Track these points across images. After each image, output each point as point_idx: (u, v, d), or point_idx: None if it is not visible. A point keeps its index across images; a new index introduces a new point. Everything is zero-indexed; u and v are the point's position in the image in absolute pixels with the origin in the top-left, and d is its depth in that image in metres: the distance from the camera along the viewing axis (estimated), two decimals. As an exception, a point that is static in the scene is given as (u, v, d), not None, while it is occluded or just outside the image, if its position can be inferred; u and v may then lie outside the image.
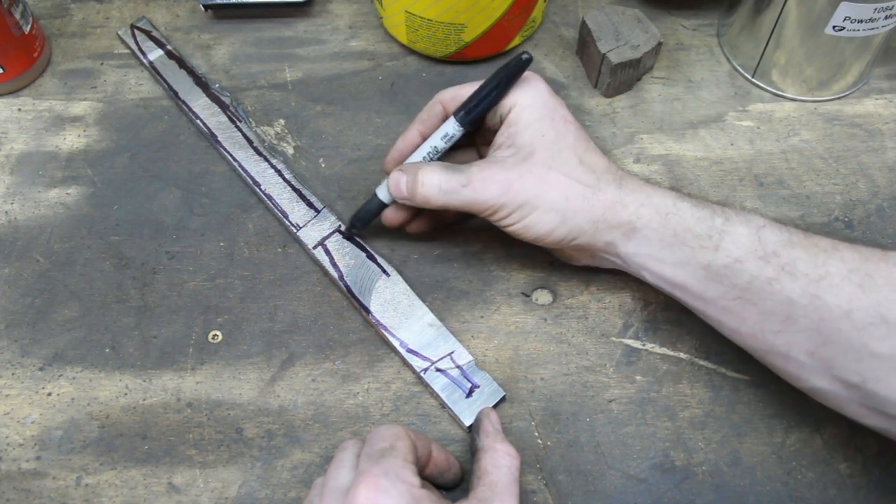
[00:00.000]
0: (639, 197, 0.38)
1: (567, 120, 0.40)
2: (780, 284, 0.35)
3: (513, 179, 0.38)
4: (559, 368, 0.43)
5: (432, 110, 0.43)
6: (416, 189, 0.40)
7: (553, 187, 0.38)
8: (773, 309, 0.35)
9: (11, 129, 0.52)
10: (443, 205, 0.40)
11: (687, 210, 0.37)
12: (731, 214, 0.37)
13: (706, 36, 0.57)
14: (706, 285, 0.37)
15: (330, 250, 0.46)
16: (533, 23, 0.54)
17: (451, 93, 0.43)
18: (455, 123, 0.41)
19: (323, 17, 0.58)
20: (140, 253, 0.47)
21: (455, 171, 0.39)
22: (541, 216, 0.38)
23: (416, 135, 0.44)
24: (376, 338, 0.44)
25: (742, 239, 0.36)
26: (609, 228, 0.38)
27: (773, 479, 0.40)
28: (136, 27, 0.56)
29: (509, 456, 0.36)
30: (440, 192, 0.39)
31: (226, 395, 0.43)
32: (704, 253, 0.36)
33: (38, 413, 0.42)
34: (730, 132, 0.52)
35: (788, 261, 0.35)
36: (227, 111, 0.52)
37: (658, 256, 0.38)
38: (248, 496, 0.40)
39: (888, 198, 0.49)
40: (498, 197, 0.38)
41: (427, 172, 0.40)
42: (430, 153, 0.42)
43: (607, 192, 0.38)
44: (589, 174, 0.39)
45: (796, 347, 0.35)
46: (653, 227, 0.38)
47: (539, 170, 0.38)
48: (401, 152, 0.44)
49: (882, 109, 0.53)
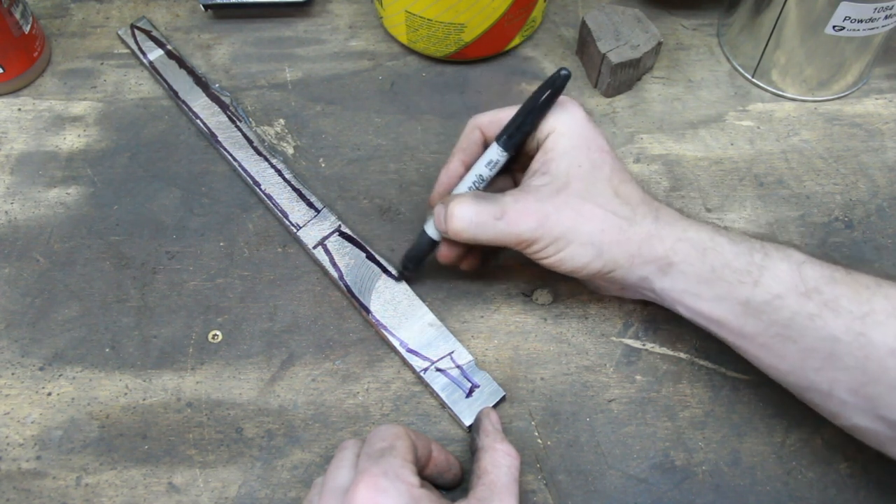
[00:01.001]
0: (675, 231, 0.37)
1: (603, 150, 0.39)
2: (822, 321, 0.34)
3: (549, 212, 0.37)
4: (559, 368, 0.43)
5: (471, 137, 0.41)
6: (448, 223, 0.38)
7: (589, 220, 0.37)
8: (815, 346, 0.34)
9: (11, 128, 0.52)
10: (474, 238, 0.38)
11: (725, 245, 0.36)
12: (770, 249, 0.36)
13: (706, 36, 0.57)
14: (745, 321, 0.36)
15: (330, 250, 0.46)
16: (533, 23, 0.54)
17: (488, 117, 0.41)
18: (499, 149, 0.39)
19: (323, 17, 0.58)
20: (140, 253, 0.47)
21: (488, 202, 0.38)
22: (576, 249, 0.37)
23: (458, 165, 0.42)
24: (376, 338, 0.44)
25: (782, 274, 0.35)
26: (644, 263, 0.37)
27: (773, 479, 0.40)
28: (136, 27, 0.56)
29: (509, 456, 0.36)
30: (471, 224, 0.37)
31: (226, 395, 0.43)
32: (743, 288, 0.35)
33: (38, 413, 0.42)
34: (730, 132, 0.52)
35: (831, 297, 0.34)
36: (227, 111, 0.52)
37: (694, 292, 0.37)
38: (248, 496, 0.40)
39: (888, 198, 0.49)
40: (533, 230, 0.37)
41: (459, 204, 0.38)
42: (475, 182, 0.40)
43: (643, 225, 0.37)
44: (625, 206, 0.38)
45: (838, 385, 0.34)
46: (689, 262, 0.36)
47: (575, 201, 0.37)
48: (445, 185, 0.42)
49: (882, 109, 0.53)
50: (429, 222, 0.42)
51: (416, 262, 0.43)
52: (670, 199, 0.49)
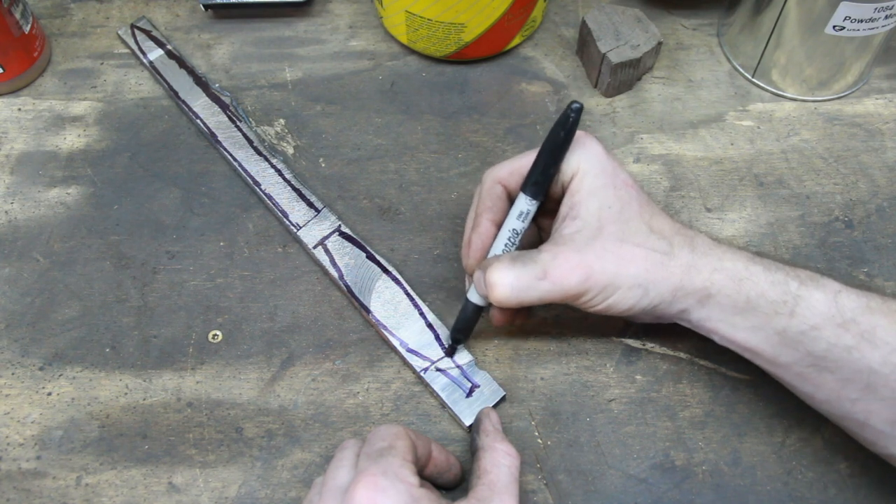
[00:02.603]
0: (711, 261, 0.37)
1: (628, 184, 0.38)
2: (859, 353, 0.33)
3: (591, 262, 0.36)
4: (559, 368, 0.43)
5: (493, 193, 0.40)
6: (490, 293, 0.37)
7: (632, 262, 0.36)
8: (852, 377, 0.34)
9: (11, 128, 0.52)
10: (519, 303, 0.37)
11: (760, 274, 0.36)
12: (805, 278, 0.36)
13: (706, 36, 0.57)
14: (780, 351, 0.35)
15: (330, 250, 0.46)
16: (533, 23, 0.54)
17: (506, 169, 0.39)
18: (527, 198, 0.38)
19: (323, 16, 0.58)
20: (140, 253, 0.47)
21: (526, 264, 0.36)
22: (624, 294, 0.36)
23: (489, 225, 0.40)
24: (376, 337, 0.44)
25: (819, 305, 0.34)
26: (686, 295, 0.37)
27: (773, 479, 0.40)
28: (136, 27, 0.56)
29: (509, 455, 0.36)
30: (513, 290, 0.36)
31: (226, 395, 0.43)
32: (779, 319, 0.35)
33: (38, 413, 0.42)
34: (730, 132, 0.52)
35: (868, 328, 0.34)
36: (227, 111, 0.52)
37: (730, 322, 0.36)
38: (248, 496, 0.40)
39: (888, 198, 0.49)
40: (580, 284, 0.36)
41: (495, 271, 0.37)
42: (510, 238, 0.39)
43: (682, 256, 0.37)
44: (662, 241, 0.37)
45: (875, 416, 0.34)
46: (726, 293, 0.36)
47: (613, 246, 0.36)
48: (480, 249, 0.40)
49: (882, 109, 0.53)
50: (471, 289, 0.40)
51: (466, 333, 0.42)
52: (670, 199, 0.49)
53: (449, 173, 0.50)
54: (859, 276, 0.46)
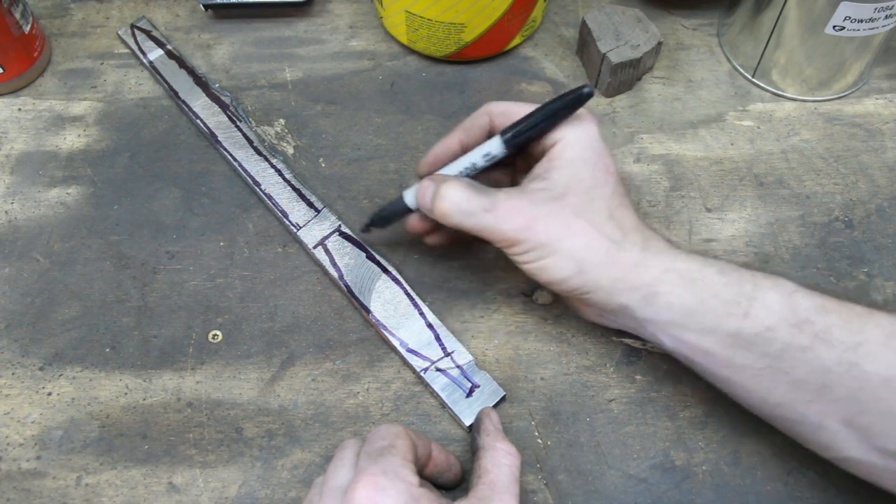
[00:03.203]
0: (663, 261, 0.36)
1: (609, 171, 0.38)
2: (814, 353, 0.33)
3: (539, 216, 0.36)
4: (559, 368, 0.43)
5: (477, 121, 0.41)
6: (435, 202, 0.38)
7: (576, 235, 0.36)
8: (807, 378, 0.34)
9: (11, 128, 0.52)
10: (458, 225, 0.37)
11: (713, 276, 0.36)
12: (760, 279, 0.35)
13: (706, 36, 0.57)
14: (734, 352, 0.35)
15: (330, 250, 0.46)
16: (533, 23, 0.54)
17: (502, 107, 0.40)
18: (500, 144, 0.38)
19: (323, 16, 0.58)
20: (140, 253, 0.47)
21: (480, 193, 0.37)
22: (558, 261, 0.36)
23: (455, 143, 0.41)
24: (376, 337, 0.44)
25: (773, 305, 0.34)
26: (628, 289, 0.36)
27: (773, 479, 0.40)
28: (136, 27, 0.56)
29: (510, 455, 0.36)
30: (459, 211, 0.37)
31: (226, 395, 0.43)
32: (732, 320, 0.35)
33: (38, 413, 0.42)
34: (730, 132, 0.52)
35: (823, 328, 0.33)
36: (227, 111, 0.52)
37: (680, 322, 0.36)
38: (248, 496, 0.40)
39: (888, 198, 0.49)
40: (519, 231, 0.36)
41: (450, 187, 0.37)
42: (467, 169, 0.39)
43: (631, 252, 0.37)
44: (616, 230, 0.37)
45: (830, 416, 0.34)
46: (676, 292, 0.36)
47: (567, 213, 0.36)
48: (437, 157, 0.42)
49: (882, 109, 0.53)
50: (409, 190, 0.41)
51: (384, 223, 0.44)
52: (670, 199, 0.49)
53: (449, 173, 0.50)
54: (859, 276, 0.46)
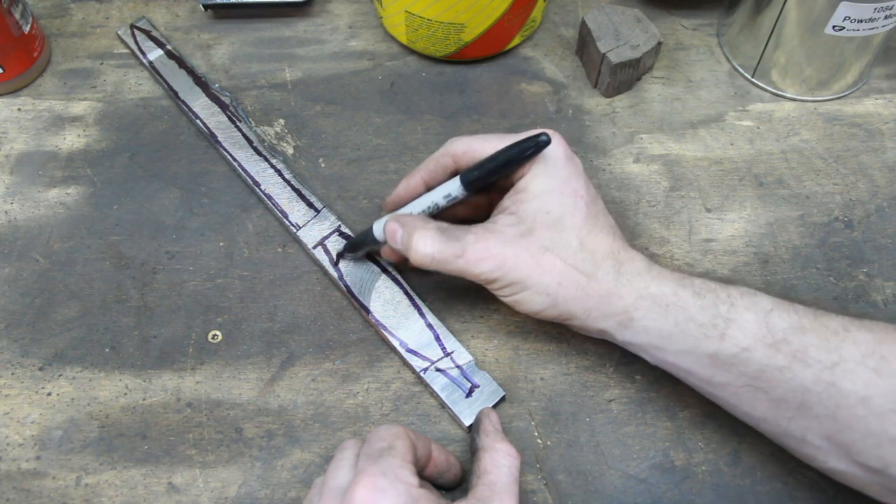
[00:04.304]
0: (637, 287, 0.37)
1: (578, 195, 0.38)
2: (791, 373, 0.34)
3: (508, 256, 0.37)
4: (559, 368, 0.43)
5: (440, 161, 0.41)
6: (408, 252, 0.38)
7: (547, 272, 0.37)
8: (786, 396, 0.34)
9: (11, 128, 0.52)
10: (436, 270, 0.38)
11: (689, 299, 0.36)
12: (737, 298, 0.36)
13: (706, 36, 0.57)
14: (713, 372, 0.36)
15: (330, 250, 0.46)
16: (533, 23, 0.54)
17: (463, 146, 0.40)
18: (460, 187, 0.39)
19: (323, 17, 0.58)
20: (140, 253, 0.47)
21: (450, 239, 0.38)
22: (531, 296, 0.37)
23: (419, 182, 0.42)
24: (376, 338, 0.44)
25: (749, 326, 0.35)
26: (603, 317, 0.37)
27: (773, 479, 0.40)
28: (136, 27, 0.56)
29: (509, 456, 0.36)
30: (433, 261, 0.38)
31: (226, 395, 0.43)
32: (709, 342, 0.35)
33: (38, 413, 0.42)
34: (730, 132, 0.52)
35: (800, 347, 0.34)
36: (226, 111, 0.52)
37: (658, 345, 0.37)
38: (248, 496, 0.40)
39: (888, 198, 0.49)
40: (490, 272, 0.37)
41: (421, 238, 0.38)
42: (429, 208, 0.40)
43: (604, 281, 0.37)
44: (587, 261, 0.37)
45: (812, 432, 0.34)
46: (651, 317, 0.36)
47: (535, 250, 0.37)
48: (401, 197, 0.43)
49: (882, 109, 0.53)
50: (378, 222, 0.42)
51: (354, 251, 0.45)
52: (670, 199, 0.49)
53: (449, 173, 0.50)
54: (859, 276, 0.46)
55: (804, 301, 0.36)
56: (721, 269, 0.46)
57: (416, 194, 0.42)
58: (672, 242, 0.47)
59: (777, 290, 0.46)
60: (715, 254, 0.47)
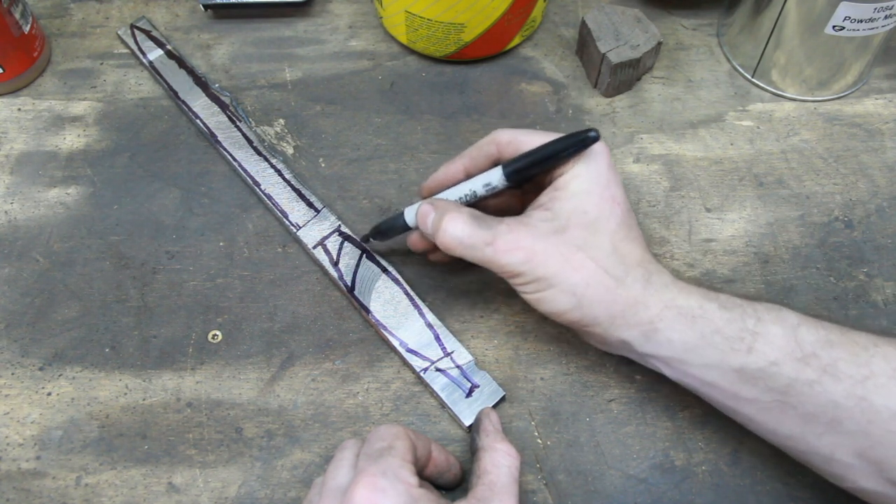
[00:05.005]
0: (664, 298, 0.36)
1: (615, 201, 0.37)
2: (821, 387, 0.33)
3: (538, 250, 0.36)
4: (559, 368, 0.43)
5: (484, 149, 0.40)
6: (437, 234, 0.38)
7: (576, 270, 0.36)
8: (815, 412, 0.33)
9: (11, 128, 0.52)
10: (460, 255, 0.37)
11: (715, 311, 0.35)
12: (763, 312, 0.35)
13: (706, 36, 0.57)
14: (739, 387, 0.35)
15: (330, 250, 0.46)
16: (533, 23, 0.54)
17: (508, 136, 0.39)
18: (501, 177, 0.38)
19: (323, 16, 0.58)
20: (140, 253, 0.47)
21: (481, 226, 0.37)
22: (556, 295, 0.36)
23: (460, 168, 0.41)
24: (376, 338, 0.44)
25: (777, 340, 0.34)
26: (627, 326, 0.36)
27: (773, 479, 0.40)
28: (136, 27, 0.56)
29: (509, 456, 0.36)
30: (460, 245, 0.37)
31: (226, 395, 0.43)
32: (736, 355, 0.34)
33: (38, 413, 0.42)
34: (730, 132, 0.52)
35: (829, 361, 0.33)
36: (226, 111, 0.52)
37: (682, 358, 0.36)
38: (248, 496, 0.40)
39: (888, 198, 0.49)
40: (518, 264, 0.36)
41: (452, 220, 0.37)
42: (467, 196, 0.40)
43: (632, 288, 0.36)
44: (619, 265, 0.36)
45: (841, 449, 0.33)
46: (677, 328, 0.35)
47: (567, 248, 0.36)
48: (440, 183, 0.42)
49: (882, 109, 0.53)
50: (410, 208, 0.41)
51: (384, 237, 0.44)
52: (670, 199, 0.49)
53: (449, 173, 0.50)
54: (859, 276, 0.46)
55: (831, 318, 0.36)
56: (721, 269, 0.46)
57: (455, 181, 0.41)
58: (672, 242, 0.47)
59: (777, 290, 0.46)
60: (715, 254, 0.47)
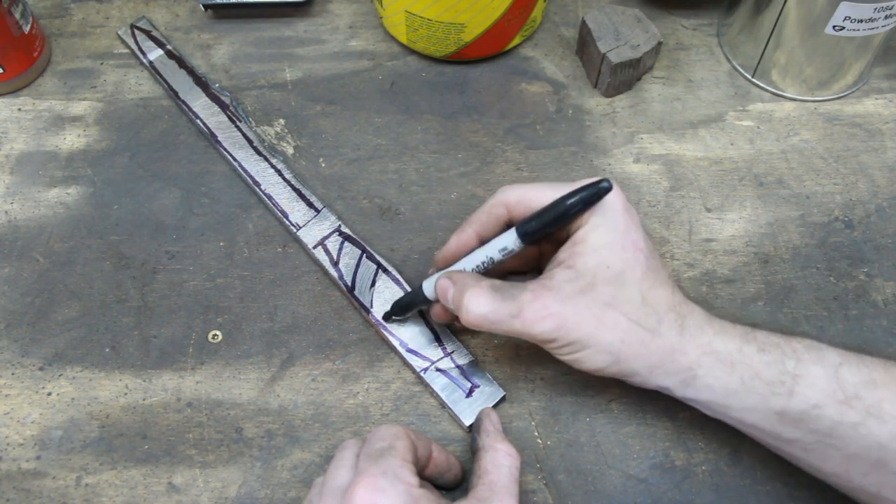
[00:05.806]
0: (700, 343, 0.35)
1: (637, 247, 0.36)
2: (866, 429, 0.32)
3: (568, 315, 0.35)
4: (559, 368, 0.43)
5: (493, 211, 0.39)
6: (460, 312, 0.36)
7: (610, 329, 0.35)
8: (860, 453, 0.33)
9: (11, 128, 0.52)
10: (489, 332, 0.36)
11: (754, 355, 0.35)
12: (803, 353, 0.34)
13: (706, 36, 0.57)
14: (781, 429, 0.34)
15: (330, 250, 0.46)
16: (533, 23, 0.54)
17: (516, 195, 0.38)
18: (516, 239, 0.36)
19: (323, 16, 0.58)
20: (140, 253, 0.47)
21: (505, 297, 0.35)
22: (593, 355, 0.35)
23: (471, 236, 0.39)
24: (376, 337, 0.44)
25: (818, 382, 0.33)
26: (666, 374, 0.36)
27: (773, 479, 0.40)
28: (136, 27, 0.56)
29: (509, 456, 0.36)
30: (486, 321, 0.35)
31: (226, 395, 0.43)
32: (777, 399, 0.34)
33: (38, 413, 0.42)
34: (730, 132, 0.52)
35: (873, 402, 0.33)
36: (227, 111, 0.52)
37: (723, 402, 0.35)
38: (248, 496, 0.40)
39: (888, 198, 0.49)
40: (550, 332, 0.35)
41: (474, 297, 0.36)
42: (484, 263, 0.38)
43: (667, 337, 0.35)
44: (650, 316, 0.35)
45: (888, 488, 0.33)
46: (716, 374, 0.35)
47: (597, 307, 0.35)
48: (452, 253, 0.40)
49: (882, 109, 0.53)
50: (428, 281, 0.40)
51: (404, 312, 0.43)
52: (670, 199, 0.49)
53: (449, 173, 0.50)
54: (859, 276, 0.46)
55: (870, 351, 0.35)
56: (721, 268, 0.46)
57: (469, 249, 0.39)
58: (672, 242, 0.47)
59: (777, 290, 0.46)
60: (715, 254, 0.47)
